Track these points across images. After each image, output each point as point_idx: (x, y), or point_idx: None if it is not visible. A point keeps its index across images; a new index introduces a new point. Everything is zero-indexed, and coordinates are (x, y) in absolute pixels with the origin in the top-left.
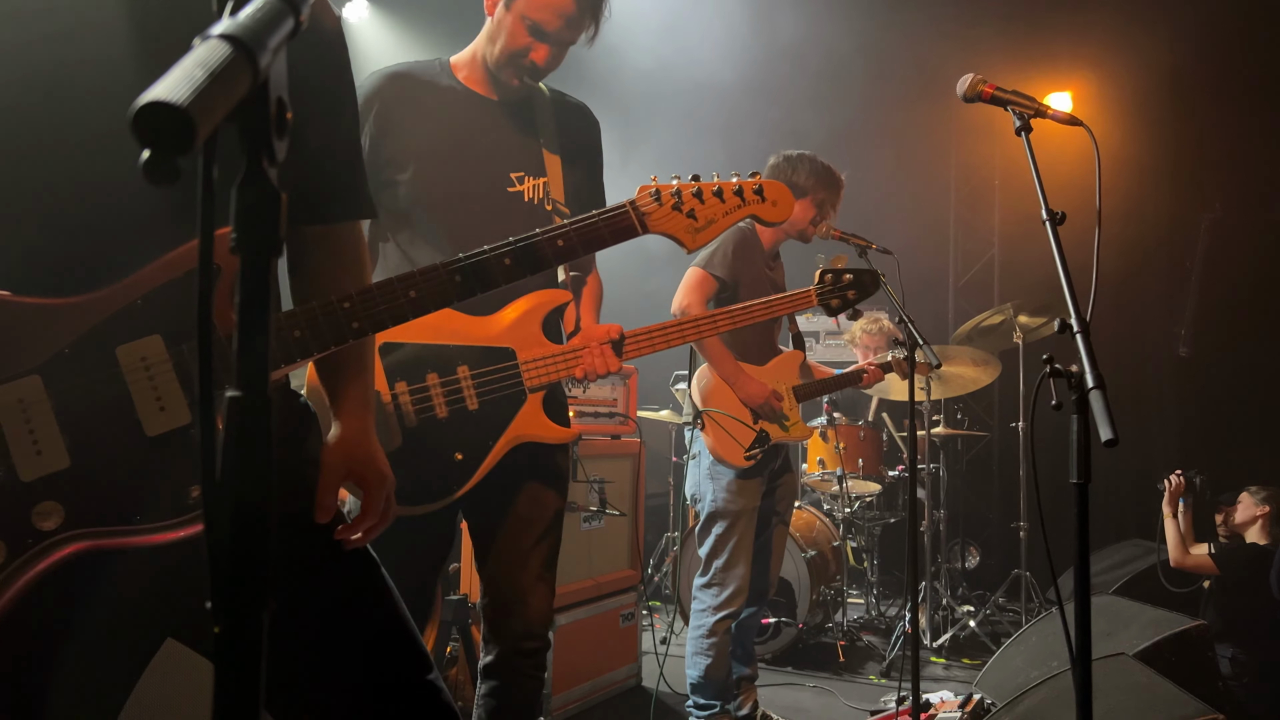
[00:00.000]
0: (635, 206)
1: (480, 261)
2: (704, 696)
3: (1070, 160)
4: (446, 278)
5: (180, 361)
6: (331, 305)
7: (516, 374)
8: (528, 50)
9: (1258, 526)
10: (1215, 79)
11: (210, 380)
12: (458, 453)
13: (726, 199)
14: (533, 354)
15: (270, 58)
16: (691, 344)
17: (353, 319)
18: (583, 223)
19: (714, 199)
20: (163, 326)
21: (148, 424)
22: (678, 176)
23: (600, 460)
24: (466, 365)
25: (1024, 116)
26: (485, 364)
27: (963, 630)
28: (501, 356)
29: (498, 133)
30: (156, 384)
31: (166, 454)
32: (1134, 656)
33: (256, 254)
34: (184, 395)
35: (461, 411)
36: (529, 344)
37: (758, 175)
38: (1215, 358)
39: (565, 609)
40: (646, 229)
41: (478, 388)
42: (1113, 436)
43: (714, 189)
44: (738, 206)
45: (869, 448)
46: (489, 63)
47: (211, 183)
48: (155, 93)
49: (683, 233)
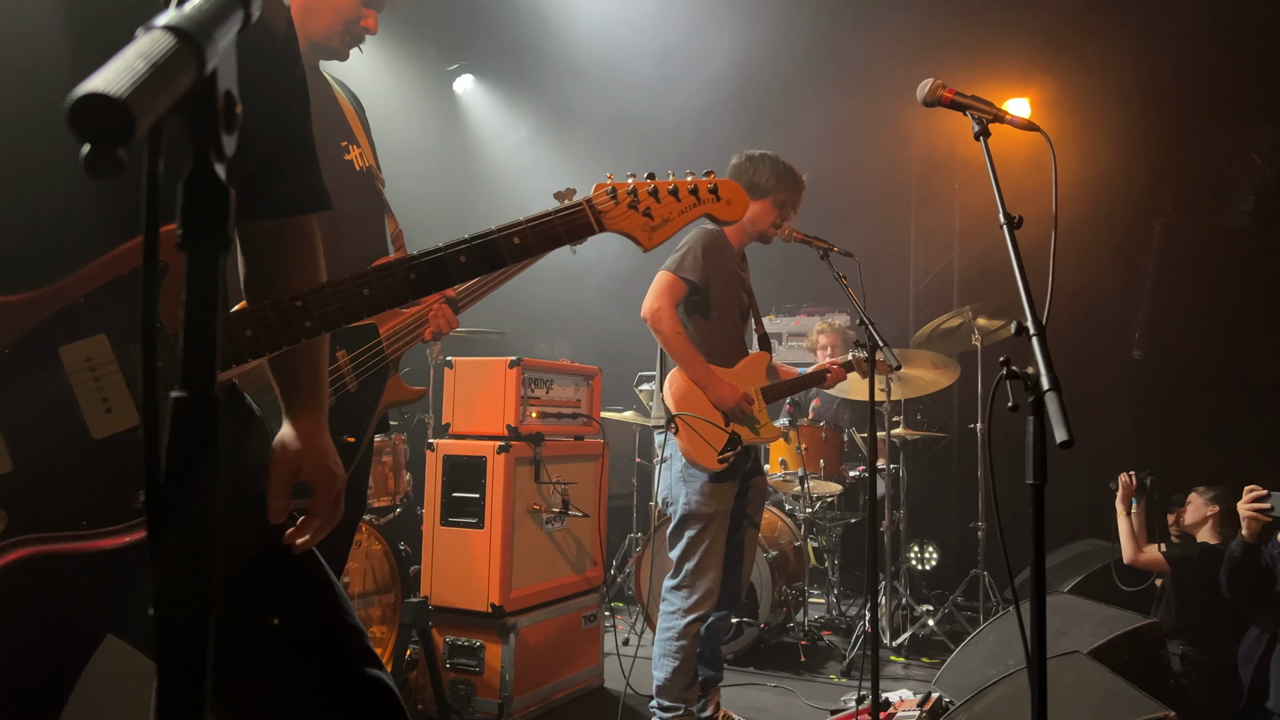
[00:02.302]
0: (592, 205)
1: (438, 259)
2: (669, 699)
3: (1028, 165)
4: (401, 275)
5: (127, 362)
6: (284, 304)
7: (382, 349)
8: (359, 18)
9: (1208, 526)
10: (1169, 88)
11: (154, 381)
12: (348, 436)
13: (682, 198)
14: (390, 327)
15: (217, 50)
16: (660, 347)
17: (305, 318)
18: (538, 220)
19: (670, 198)
20: (108, 326)
21: (94, 426)
22: (634, 175)
23: (563, 461)
24: (344, 349)
25: (983, 121)
26: (358, 344)
27: (922, 629)
28: (367, 334)
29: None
30: (102, 385)
31: (114, 457)
32: (1088, 654)
33: (204, 251)
34: (131, 397)
35: (346, 395)
36: (386, 315)
37: (712, 174)
38: (1168, 360)
39: (528, 610)
40: (603, 227)
41: (355, 370)
42: (1068, 438)
43: (670, 188)
44: (693, 205)
45: (830, 448)
46: (317, 36)
47: (157, 178)
48: (93, 84)
49: (639, 231)
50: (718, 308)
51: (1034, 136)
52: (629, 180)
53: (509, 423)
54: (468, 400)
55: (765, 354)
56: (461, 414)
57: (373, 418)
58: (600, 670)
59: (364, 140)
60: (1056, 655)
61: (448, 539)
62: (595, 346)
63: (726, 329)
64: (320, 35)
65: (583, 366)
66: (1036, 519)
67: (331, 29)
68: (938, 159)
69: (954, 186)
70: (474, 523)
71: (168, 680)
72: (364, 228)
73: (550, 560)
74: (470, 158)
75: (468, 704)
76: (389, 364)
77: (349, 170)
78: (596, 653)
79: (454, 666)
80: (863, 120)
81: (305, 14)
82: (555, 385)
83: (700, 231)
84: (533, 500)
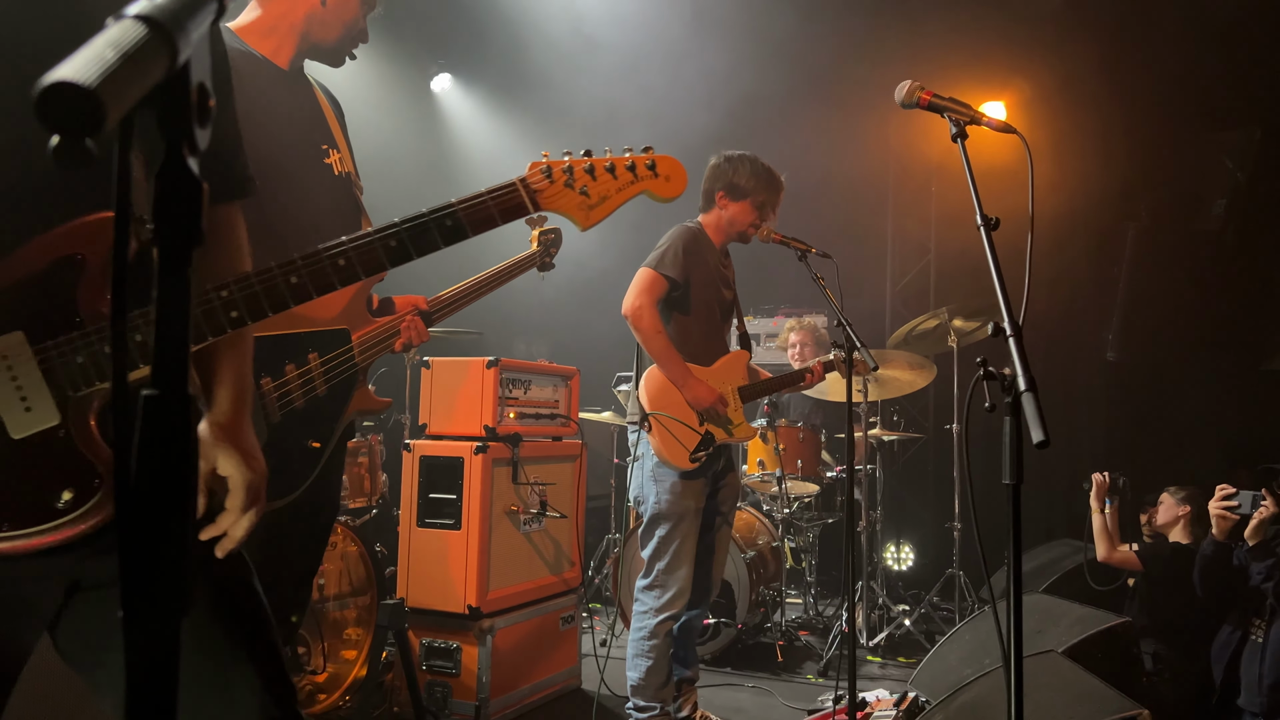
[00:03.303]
0: (526, 184)
1: (366, 245)
2: (644, 699)
3: (1002, 169)
4: (329, 262)
5: (47, 359)
6: (208, 294)
7: (353, 356)
8: (358, 21)
9: (1180, 526)
10: (1141, 94)
11: (124, 377)
12: (313, 441)
13: (619, 174)
14: (363, 334)
15: (190, 41)
16: (639, 345)
17: (231, 308)
18: (470, 202)
19: (606, 175)
20: (24, 323)
21: (12, 426)
22: (569, 152)
23: (541, 462)
24: (316, 352)
25: (960, 123)
26: (330, 348)
27: (898, 629)
28: (340, 339)
29: (297, 103)
30: (20, 383)
31: (33, 457)
32: (1062, 653)
33: (177, 245)
34: (51, 394)
35: (314, 400)
36: (360, 322)
37: (651, 150)
38: (1141, 361)
39: (505, 612)
40: (538, 206)
41: (326, 375)
42: (1044, 438)
43: (606, 164)
44: (630, 182)
45: (807, 449)
46: (327, 43)
47: (128, 172)
48: (61, 73)
49: (576, 210)
50: (697, 305)
51: (1009, 142)
52: (564, 158)
53: (487, 423)
54: (445, 400)
55: (745, 353)
56: (439, 414)
57: (339, 424)
58: (578, 671)
59: (343, 145)
60: (1032, 654)
61: (424, 540)
62: (573, 347)
63: (706, 326)
64: (330, 42)
65: (561, 367)
66: (1014, 518)
67: (342, 39)
68: (914, 162)
69: (930, 189)
70: (451, 524)
71: (136, 683)
72: (340, 233)
73: (528, 561)
74: (447, 157)
75: (444, 706)
76: (359, 372)
77: (328, 174)
78: (574, 654)
79: (430, 669)
80: (840, 123)
81: (320, 24)
82: (533, 386)
83: (680, 229)
84: (510, 501)
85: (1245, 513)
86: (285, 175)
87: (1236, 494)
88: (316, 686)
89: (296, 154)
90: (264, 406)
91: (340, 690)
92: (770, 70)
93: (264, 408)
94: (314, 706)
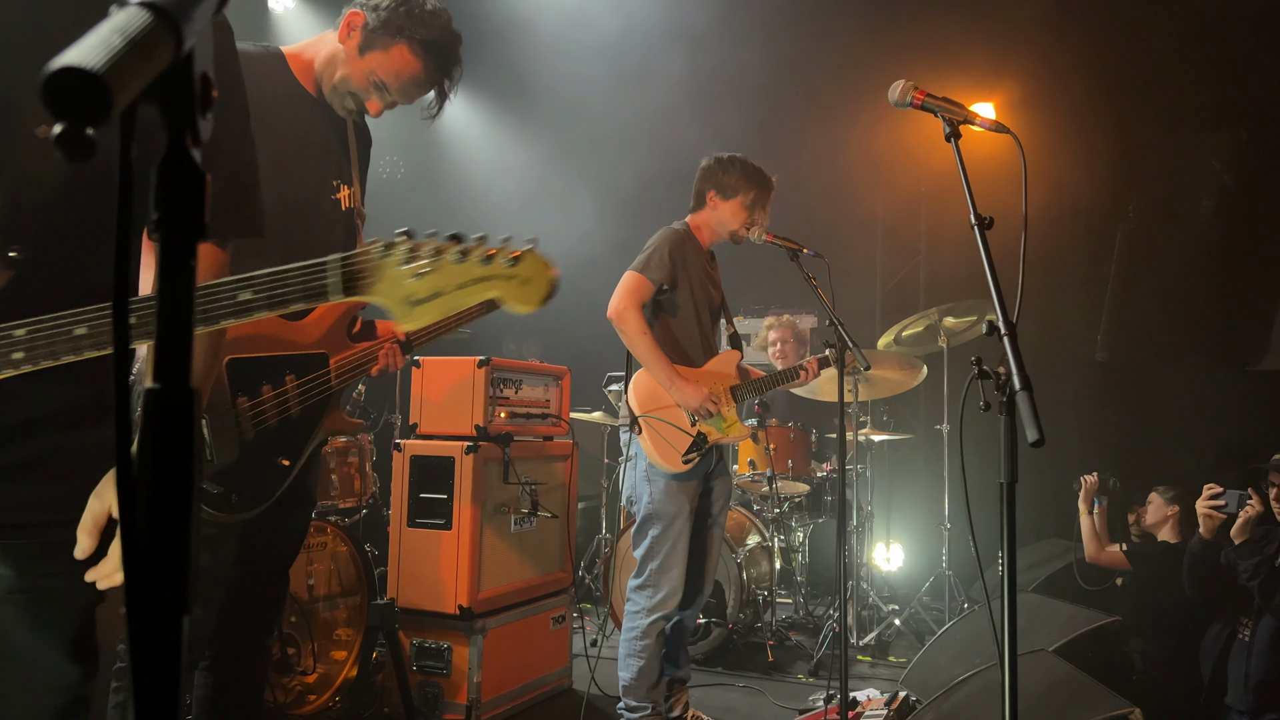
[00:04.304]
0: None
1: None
2: (635, 699)
3: (991, 170)
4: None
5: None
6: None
7: (329, 379)
8: (365, 98)
9: (1169, 526)
10: (1130, 95)
11: (127, 378)
12: (283, 458)
13: (469, 264)
14: (340, 357)
15: (194, 29)
16: (627, 348)
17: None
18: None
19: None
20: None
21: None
22: (434, 232)
23: (532, 462)
24: (293, 374)
25: (953, 123)
26: (307, 371)
27: (888, 629)
28: (318, 362)
29: (321, 135)
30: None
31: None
32: (1053, 652)
33: (179, 237)
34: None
35: (288, 419)
36: (338, 347)
37: (534, 242)
38: (1129, 362)
39: (496, 612)
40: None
41: (301, 396)
42: (1039, 437)
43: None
44: (478, 280)
45: (798, 449)
46: (324, 81)
47: (130, 162)
48: (68, 58)
49: (397, 304)
50: (685, 306)
51: (996, 144)
52: (399, 239)
53: (477, 423)
54: (435, 400)
55: (736, 353)
56: (429, 414)
57: (309, 443)
58: (569, 672)
59: (357, 180)
60: (1023, 653)
61: (415, 540)
62: (564, 347)
63: (694, 328)
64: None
65: (552, 367)
66: (1008, 517)
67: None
68: (904, 161)
69: (920, 189)
70: (442, 524)
71: (141, 681)
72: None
73: (519, 562)
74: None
75: (435, 707)
76: (333, 394)
77: (335, 209)
78: (565, 654)
79: (421, 669)
80: (830, 123)
81: (344, 64)
82: (524, 385)
83: (667, 231)
84: (501, 501)
85: (1232, 512)
86: (289, 212)
87: (1223, 493)
88: (306, 687)
89: (308, 190)
90: (239, 424)
91: (330, 691)
92: (763, 72)
93: (238, 425)
94: (304, 707)
